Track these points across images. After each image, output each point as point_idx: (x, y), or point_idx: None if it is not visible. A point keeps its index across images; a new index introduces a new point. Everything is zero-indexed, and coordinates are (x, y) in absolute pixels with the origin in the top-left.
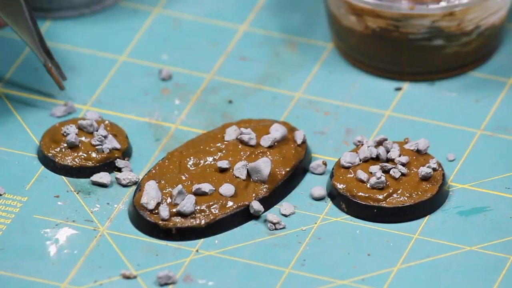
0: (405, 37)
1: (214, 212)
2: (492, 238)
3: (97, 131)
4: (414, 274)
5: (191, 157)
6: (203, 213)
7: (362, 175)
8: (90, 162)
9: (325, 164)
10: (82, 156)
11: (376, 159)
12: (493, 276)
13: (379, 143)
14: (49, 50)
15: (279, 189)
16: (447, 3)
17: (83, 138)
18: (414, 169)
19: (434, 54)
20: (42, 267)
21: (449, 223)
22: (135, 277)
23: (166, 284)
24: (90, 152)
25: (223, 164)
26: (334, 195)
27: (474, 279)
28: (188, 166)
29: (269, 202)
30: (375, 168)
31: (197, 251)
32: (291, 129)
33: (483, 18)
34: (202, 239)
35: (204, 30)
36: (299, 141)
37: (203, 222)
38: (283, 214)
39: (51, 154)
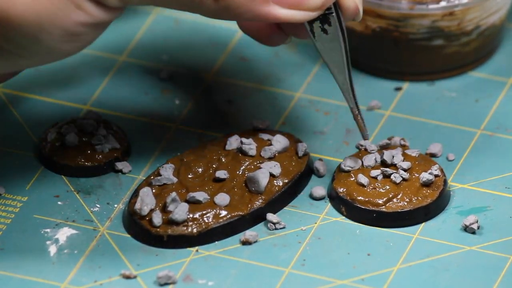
0: (405, 37)
1: (206, 221)
2: (492, 238)
3: (96, 130)
4: (414, 274)
5: (191, 165)
6: (195, 222)
7: (363, 179)
8: (90, 162)
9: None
10: (82, 156)
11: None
12: (493, 276)
13: (382, 148)
14: (356, 100)
15: (275, 201)
16: (447, 3)
17: (83, 138)
18: (415, 174)
19: (434, 54)
20: (42, 267)
21: (449, 223)
22: (135, 277)
23: (166, 284)
24: (89, 152)
25: (221, 174)
26: (334, 198)
27: (474, 279)
28: (186, 173)
29: (263, 213)
30: (376, 173)
31: (197, 251)
32: (295, 141)
33: (483, 18)
34: None
35: (204, 30)
36: (300, 153)
37: (195, 230)
38: (269, 220)
39: (51, 154)
